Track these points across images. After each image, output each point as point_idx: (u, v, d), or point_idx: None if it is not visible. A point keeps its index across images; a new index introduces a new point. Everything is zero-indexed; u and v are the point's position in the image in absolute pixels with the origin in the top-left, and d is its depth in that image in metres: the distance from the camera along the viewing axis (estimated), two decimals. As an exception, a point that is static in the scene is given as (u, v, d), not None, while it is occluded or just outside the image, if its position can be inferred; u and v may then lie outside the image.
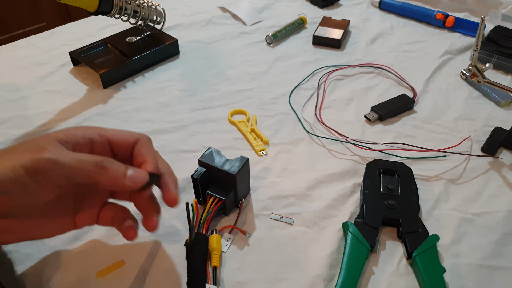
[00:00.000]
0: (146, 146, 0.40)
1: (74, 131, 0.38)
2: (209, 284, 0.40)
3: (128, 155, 0.41)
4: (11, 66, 0.73)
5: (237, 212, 0.48)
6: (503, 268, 0.43)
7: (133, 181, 0.37)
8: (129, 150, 0.40)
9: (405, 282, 0.41)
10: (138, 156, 0.40)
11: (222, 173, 0.45)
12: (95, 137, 0.39)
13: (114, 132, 0.40)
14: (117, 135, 0.40)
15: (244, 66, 0.74)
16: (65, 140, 0.36)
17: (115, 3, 0.66)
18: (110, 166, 0.36)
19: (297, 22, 0.84)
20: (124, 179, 0.36)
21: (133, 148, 0.40)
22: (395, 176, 0.50)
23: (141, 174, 0.37)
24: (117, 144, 0.40)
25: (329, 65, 0.74)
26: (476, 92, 0.67)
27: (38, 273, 0.42)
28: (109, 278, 0.42)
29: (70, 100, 0.66)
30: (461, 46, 0.78)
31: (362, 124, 0.61)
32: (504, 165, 0.54)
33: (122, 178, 0.36)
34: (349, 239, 0.43)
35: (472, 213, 0.48)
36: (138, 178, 0.37)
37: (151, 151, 0.40)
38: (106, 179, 0.36)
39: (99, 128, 0.40)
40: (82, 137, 0.38)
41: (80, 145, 0.38)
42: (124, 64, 0.70)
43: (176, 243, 0.45)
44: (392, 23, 0.86)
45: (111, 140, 0.40)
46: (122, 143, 0.40)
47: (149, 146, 0.41)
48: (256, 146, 0.57)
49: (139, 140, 0.40)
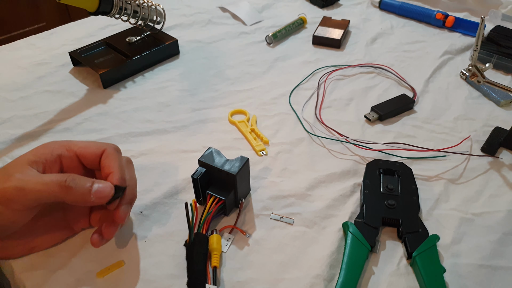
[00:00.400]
0: (112, 157, 0.42)
1: (43, 150, 0.41)
2: (209, 284, 0.40)
3: (97, 166, 0.43)
4: (11, 66, 0.73)
5: (237, 212, 0.48)
6: (503, 268, 0.43)
7: (98, 196, 0.38)
8: (97, 161, 0.42)
9: (405, 282, 0.41)
10: (105, 167, 0.41)
11: (222, 173, 0.45)
12: (63, 153, 0.41)
13: (81, 145, 0.42)
14: (84, 147, 0.42)
15: (244, 66, 0.74)
16: (35, 161, 0.39)
17: (115, 3, 0.66)
18: (74, 185, 0.37)
19: (297, 22, 0.84)
20: (89, 196, 0.38)
21: (100, 158, 0.42)
22: (395, 176, 0.50)
23: (106, 189, 0.39)
24: (84, 157, 0.42)
25: (329, 65, 0.74)
26: (476, 92, 0.67)
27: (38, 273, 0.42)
28: (109, 278, 0.42)
29: (70, 100, 0.66)
30: (461, 46, 0.78)
31: (362, 124, 0.61)
32: (504, 165, 0.54)
33: (87, 195, 0.38)
34: (349, 239, 0.43)
35: (472, 213, 0.48)
36: (103, 193, 0.39)
37: (117, 162, 0.42)
38: (72, 198, 0.38)
39: (68, 143, 0.42)
40: (50, 154, 0.40)
41: (50, 163, 0.40)
42: (124, 64, 0.70)
43: (176, 243, 0.45)
44: (392, 23, 0.86)
45: (78, 154, 0.42)
46: (89, 155, 0.42)
47: (115, 156, 0.42)
48: (256, 146, 0.57)
49: (105, 151, 0.42)
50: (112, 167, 0.41)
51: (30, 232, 0.41)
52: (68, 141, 0.43)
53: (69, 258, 0.43)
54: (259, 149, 0.56)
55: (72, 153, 0.42)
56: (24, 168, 0.38)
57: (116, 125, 0.61)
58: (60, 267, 0.42)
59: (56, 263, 0.43)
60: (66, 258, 0.43)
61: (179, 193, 0.50)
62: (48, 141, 0.43)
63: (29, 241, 0.42)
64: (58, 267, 0.42)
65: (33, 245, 0.42)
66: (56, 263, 0.43)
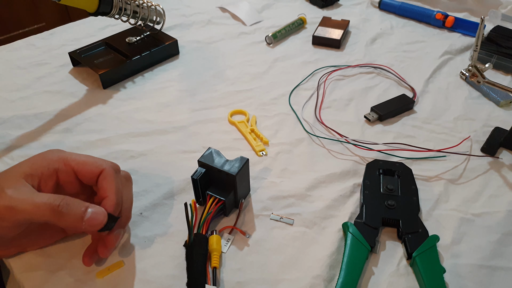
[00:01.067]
0: (109, 179, 0.41)
1: (40, 162, 0.39)
2: (209, 285, 0.40)
3: (94, 183, 0.41)
4: (10, 67, 0.73)
5: (237, 212, 0.47)
6: (503, 268, 0.43)
7: (90, 224, 0.37)
8: (95, 179, 0.41)
9: (405, 283, 0.41)
10: (101, 190, 0.40)
11: (222, 174, 0.45)
12: (60, 167, 0.40)
13: (79, 161, 0.41)
14: (82, 163, 0.41)
15: (243, 66, 0.74)
16: (30, 174, 0.38)
17: (114, 4, 0.65)
18: (66, 211, 0.36)
19: (297, 22, 0.84)
20: (81, 223, 0.37)
21: (98, 178, 0.41)
22: (395, 176, 0.50)
23: (99, 217, 0.38)
24: (81, 174, 0.41)
25: (328, 65, 0.74)
26: (476, 92, 0.67)
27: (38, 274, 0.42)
28: (109, 278, 0.42)
29: (70, 100, 0.66)
30: (460, 46, 0.78)
31: (362, 124, 0.61)
32: (504, 165, 0.54)
33: (79, 222, 0.37)
34: (349, 239, 0.43)
35: (472, 213, 0.48)
36: (95, 221, 0.38)
37: (114, 186, 0.41)
38: (63, 224, 0.37)
39: (65, 157, 0.41)
40: (47, 168, 0.39)
41: (46, 177, 0.39)
42: (124, 64, 0.70)
43: (175, 244, 0.45)
44: (391, 23, 0.86)
45: (75, 170, 0.41)
46: (86, 173, 0.41)
47: (112, 178, 0.41)
48: (256, 147, 0.57)
49: (104, 171, 0.41)
50: (108, 191, 0.40)
51: (23, 235, 0.40)
52: (66, 155, 0.41)
53: (68, 258, 0.43)
54: (258, 149, 0.56)
55: (69, 167, 0.41)
56: (18, 182, 0.37)
57: (116, 126, 0.61)
58: (59, 268, 0.42)
59: (56, 264, 0.43)
60: (65, 259, 0.43)
61: (178, 194, 0.50)
62: (46, 150, 0.42)
63: (21, 243, 0.42)
64: (57, 267, 0.42)
65: (25, 246, 0.42)
66: (56, 263, 0.43)
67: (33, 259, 0.43)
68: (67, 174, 0.41)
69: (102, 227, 0.38)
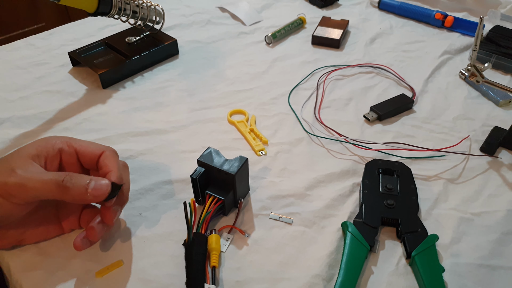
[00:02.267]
0: (111, 158, 0.43)
1: (45, 144, 0.42)
2: (208, 284, 0.40)
3: (94, 165, 0.44)
4: (10, 67, 0.73)
5: (236, 212, 0.48)
6: (503, 267, 0.43)
7: (95, 195, 0.39)
8: (95, 161, 0.43)
9: (404, 282, 0.41)
10: (103, 167, 0.42)
11: (221, 173, 0.45)
12: (64, 147, 0.43)
13: (82, 143, 0.44)
14: (84, 146, 0.43)
15: (243, 66, 0.74)
16: (37, 155, 0.40)
17: (114, 4, 0.65)
18: (71, 184, 0.38)
19: (296, 22, 0.84)
20: (86, 194, 0.39)
21: (99, 159, 0.43)
22: (394, 176, 0.50)
23: (102, 186, 0.40)
24: (83, 156, 0.43)
25: (328, 65, 0.74)
26: (475, 92, 0.67)
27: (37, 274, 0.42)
28: (108, 278, 0.42)
29: (70, 100, 0.66)
30: (460, 46, 0.78)
31: (361, 124, 0.61)
32: (503, 165, 0.54)
33: (84, 193, 0.39)
34: (348, 239, 0.43)
35: (471, 212, 0.48)
36: (100, 191, 0.39)
37: (116, 163, 0.43)
38: (69, 197, 0.39)
39: (68, 139, 0.44)
40: (52, 148, 0.42)
41: (51, 157, 0.41)
42: (123, 64, 0.70)
43: (175, 243, 0.45)
44: (391, 23, 0.87)
45: (78, 151, 0.43)
46: (88, 154, 0.43)
47: (114, 158, 0.43)
48: (255, 146, 0.57)
49: (104, 152, 0.43)
50: (111, 167, 0.42)
51: (22, 225, 0.42)
52: (69, 138, 0.44)
53: (68, 258, 0.43)
54: (258, 149, 0.56)
55: (72, 149, 0.43)
56: (27, 163, 0.39)
57: (115, 125, 0.61)
58: (59, 267, 0.42)
59: (55, 263, 0.43)
60: (65, 258, 0.43)
61: (178, 193, 0.50)
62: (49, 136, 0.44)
63: (19, 233, 0.42)
64: (57, 267, 0.42)
65: (23, 237, 0.43)
66: (55, 263, 0.43)
67: (32, 259, 0.43)
68: (70, 156, 0.43)
69: (107, 196, 0.40)
